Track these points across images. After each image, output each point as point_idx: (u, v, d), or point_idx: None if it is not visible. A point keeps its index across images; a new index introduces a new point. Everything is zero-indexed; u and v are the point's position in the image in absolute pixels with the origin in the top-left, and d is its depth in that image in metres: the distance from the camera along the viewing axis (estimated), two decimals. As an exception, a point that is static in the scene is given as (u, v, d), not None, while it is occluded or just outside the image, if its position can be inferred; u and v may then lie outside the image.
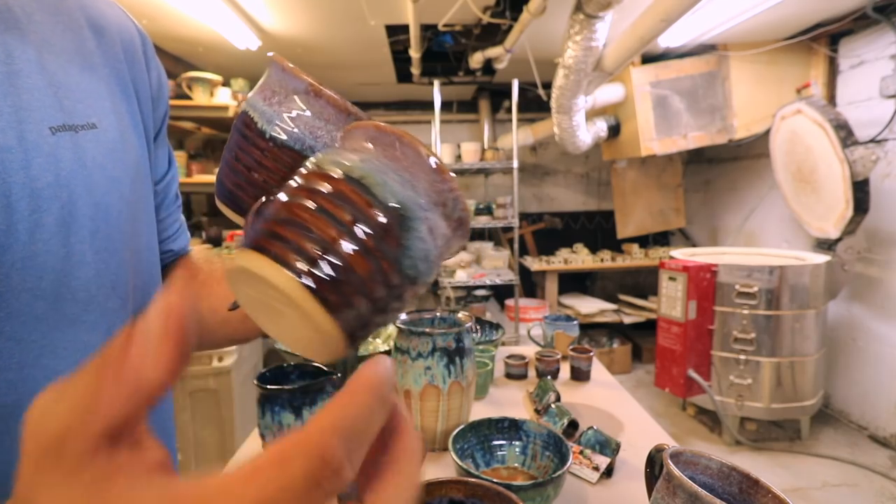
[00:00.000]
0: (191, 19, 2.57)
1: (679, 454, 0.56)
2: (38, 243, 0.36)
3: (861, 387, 2.87)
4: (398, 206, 0.29)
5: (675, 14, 1.94)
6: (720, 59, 3.24)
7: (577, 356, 1.24)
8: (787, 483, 2.37)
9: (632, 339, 4.06)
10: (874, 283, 2.78)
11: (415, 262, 0.30)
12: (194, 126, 3.34)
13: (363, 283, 0.29)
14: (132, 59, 0.48)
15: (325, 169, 0.29)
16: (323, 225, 0.28)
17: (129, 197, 0.44)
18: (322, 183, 0.29)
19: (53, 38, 0.40)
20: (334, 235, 0.28)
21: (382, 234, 0.28)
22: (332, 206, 0.28)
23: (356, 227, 0.28)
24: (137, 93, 0.48)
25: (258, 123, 0.36)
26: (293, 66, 0.36)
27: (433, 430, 0.88)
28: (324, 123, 0.36)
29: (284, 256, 0.27)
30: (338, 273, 0.28)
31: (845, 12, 2.67)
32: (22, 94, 0.36)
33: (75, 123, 0.39)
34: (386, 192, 0.29)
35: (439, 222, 0.31)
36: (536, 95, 3.42)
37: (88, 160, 0.39)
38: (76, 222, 0.38)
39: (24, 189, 0.35)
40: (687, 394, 2.72)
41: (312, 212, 0.28)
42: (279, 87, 0.36)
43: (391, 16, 2.63)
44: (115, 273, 0.42)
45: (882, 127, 2.60)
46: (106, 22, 0.46)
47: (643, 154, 3.32)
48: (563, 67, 2.57)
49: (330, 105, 0.36)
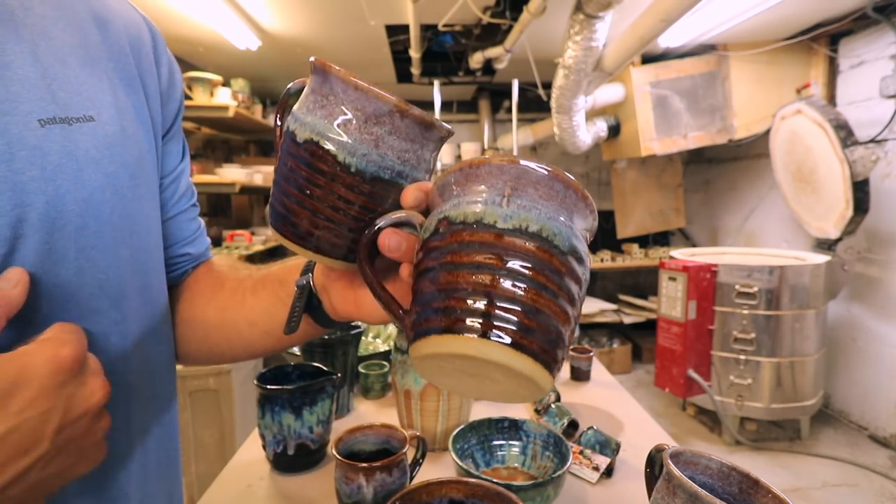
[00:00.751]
0: (191, 19, 2.57)
1: (679, 454, 0.56)
2: (20, 239, 0.35)
3: (861, 387, 2.87)
4: (573, 249, 0.30)
5: (675, 14, 1.94)
6: (720, 59, 3.24)
7: (577, 356, 1.24)
8: (787, 483, 2.37)
9: (632, 339, 4.06)
10: (874, 283, 2.78)
11: (586, 283, 0.32)
12: (194, 126, 3.35)
13: (565, 331, 0.30)
14: (139, 54, 0.47)
15: (497, 228, 0.29)
16: (524, 292, 0.28)
17: (128, 194, 0.42)
18: (497, 245, 0.28)
19: (53, 32, 0.39)
20: (534, 297, 0.28)
21: (569, 280, 0.30)
22: (520, 269, 0.28)
23: (550, 284, 0.29)
24: (145, 87, 0.47)
25: (338, 156, 0.32)
26: (366, 84, 0.32)
27: (433, 430, 0.89)
28: (410, 144, 0.33)
29: (507, 334, 0.28)
30: (549, 334, 0.29)
31: (845, 12, 2.67)
32: (10, 86, 0.35)
33: (69, 116, 0.38)
34: (562, 241, 0.29)
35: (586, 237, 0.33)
36: (536, 95, 3.42)
37: (80, 154, 0.38)
38: (61, 218, 0.37)
39: (7, 182, 0.34)
40: (687, 394, 2.72)
41: (504, 279, 0.28)
42: (352, 108, 0.32)
43: (391, 16, 2.63)
44: (105, 272, 0.41)
45: (882, 127, 2.60)
46: (112, 16, 0.45)
47: (643, 154, 3.32)
48: (563, 67, 2.57)
49: (416, 123, 0.33)
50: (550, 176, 0.30)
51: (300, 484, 0.82)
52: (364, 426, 0.76)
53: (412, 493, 0.60)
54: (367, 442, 0.75)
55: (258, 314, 0.50)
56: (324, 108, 0.33)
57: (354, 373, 1.10)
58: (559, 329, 0.30)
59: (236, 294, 0.52)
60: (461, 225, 0.29)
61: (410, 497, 0.59)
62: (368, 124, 0.32)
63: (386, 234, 0.34)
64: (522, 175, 0.30)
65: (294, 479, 0.84)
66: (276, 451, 0.83)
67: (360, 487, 0.67)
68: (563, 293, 0.29)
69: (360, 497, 0.67)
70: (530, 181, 0.30)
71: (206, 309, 0.53)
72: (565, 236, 0.29)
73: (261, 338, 0.52)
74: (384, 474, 0.67)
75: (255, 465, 0.88)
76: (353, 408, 1.09)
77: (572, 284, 0.30)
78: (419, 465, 0.76)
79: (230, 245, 3.16)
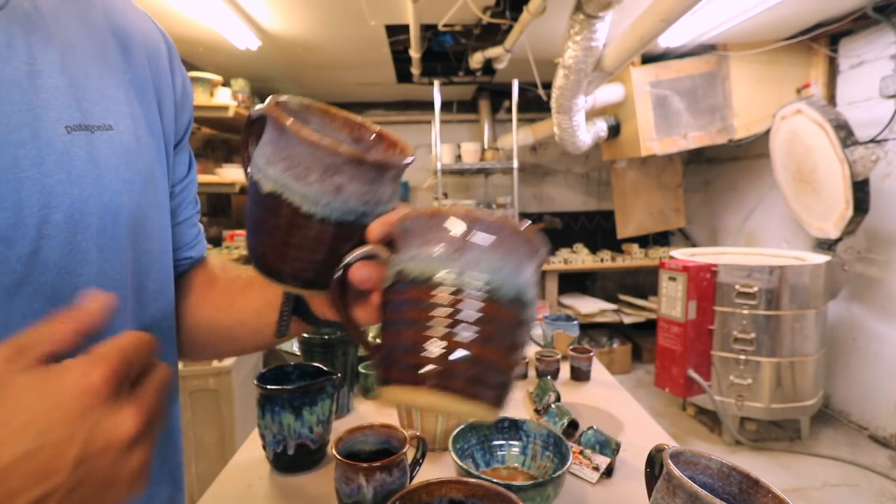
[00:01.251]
0: (191, 19, 2.57)
1: (679, 454, 0.56)
2: (45, 239, 0.36)
3: (861, 387, 2.87)
4: (518, 298, 0.32)
5: (675, 14, 1.94)
6: (720, 59, 3.24)
7: (577, 356, 1.24)
8: (787, 483, 2.37)
9: (632, 339, 4.06)
10: (874, 283, 2.78)
11: (531, 321, 0.34)
12: (195, 126, 3.34)
13: (512, 373, 0.34)
14: (156, 67, 0.49)
15: (447, 285, 0.31)
16: (473, 345, 0.31)
17: (141, 200, 0.44)
18: (448, 302, 0.31)
19: (77, 42, 0.41)
20: (481, 350, 0.31)
21: (515, 328, 0.32)
22: (469, 324, 0.31)
23: (497, 335, 0.31)
24: (160, 99, 0.49)
25: (301, 207, 0.33)
26: (319, 138, 0.32)
27: (433, 430, 0.89)
28: (370, 186, 0.34)
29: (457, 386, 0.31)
30: (496, 379, 0.32)
31: (845, 12, 2.67)
32: (41, 94, 0.37)
33: (91, 124, 0.40)
34: (508, 292, 0.31)
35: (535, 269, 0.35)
36: (536, 95, 3.42)
37: (101, 160, 0.40)
38: (84, 220, 0.39)
39: (36, 185, 0.36)
40: (687, 394, 2.72)
41: (455, 335, 0.31)
42: (311, 160, 0.33)
43: (391, 16, 2.63)
44: (120, 273, 0.43)
45: (882, 127, 2.60)
46: (132, 30, 0.47)
47: (643, 154, 3.32)
48: (563, 67, 2.57)
49: (374, 168, 0.34)
50: (500, 226, 0.32)
51: (300, 484, 0.82)
52: (364, 426, 0.76)
53: (412, 493, 0.60)
54: (367, 442, 0.75)
55: (247, 314, 0.52)
56: (284, 161, 0.34)
57: (354, 373, 1.10)
58: (507, 374, 0.33)
59: (226, 294, 0.55)
60: (414, 282, 0.32)
61: (410, 497, 0.59)
62: (328, 174, 0.33)
63: (355, 269, 0.36)
64: (473, 227, 0.32)
65: (294, 479, 0.84)
66: (276, 451, 0.83)
67: (360, 487, 0.67)
68: (509, 341, 0.32)
69: (360, 497, 0.67)
70: (480, 233, 0.32)
71: (198, 307, 0.56)
72: (511, 287, 0.32)
73: (251, 336, 0.54)
74: (384, 474, 0.67)
75: (255, 465, 0.88)
76: (353, 408, 1.09)
77: (517, 331, 0.33)
78: (419, 465, 0.76)
79: (230, 245, 3.15)
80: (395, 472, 0.69)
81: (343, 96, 4.68)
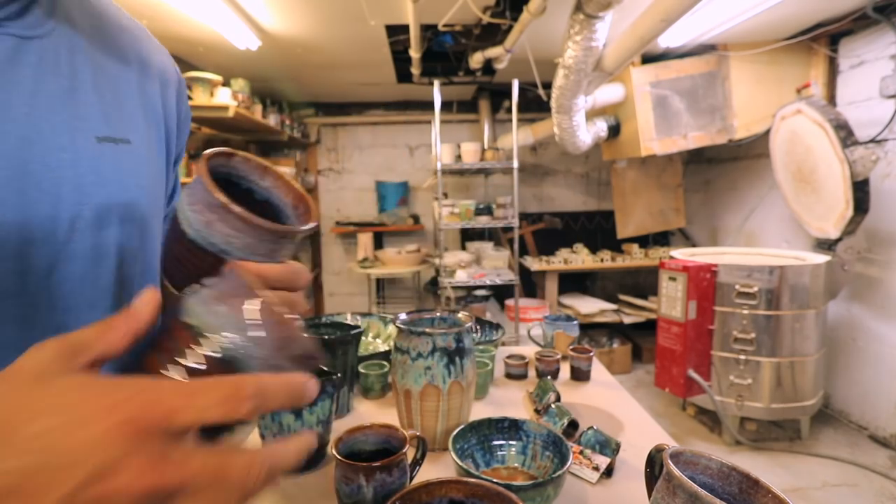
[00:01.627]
0: (191, 19, 2.57)
1: (679, 454, 0.56)
2: (77, 232, 0.42)
3: (861, 387, 2.87)
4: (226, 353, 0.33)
5: (675, 14, 1.94)
6: (720, 59, 3.24)
7: (577, 356, 1.24)
8: (787, 483, 2.37)
9: (632, 339, 4.06)
10: (874, 283, 2.78)
11: None
12: (194, 126, 3.34)
13: None
14: (167, 95, 0.56)
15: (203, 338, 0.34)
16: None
17: (148, 209, 0.50)
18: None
19: (106, 64, 0.48)
20: None
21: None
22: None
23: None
24: (166, 121, 0.56)
25: (181, 224, 0.42)
26: (210, 182, 0.40)
27: (433, 430, 0.89)
28: (235, 232, 0.41)
29: None
30: None
31: (845, 12, 2.67)
32: (79, 107, 0.44)
33: (115, 137, 0.46)
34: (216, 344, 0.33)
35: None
36: (536, 95, 3.42)
37: (123, 168, 0.47)
38: (108, 217, 0.45)
39: (72, 182, 0.42)
40: (687, 394, 2.72)
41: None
42: (201, 196, 0.41)
43: (391, 16, 2.63)
44: (132, 267, 0.48)
45: (882, 127, 2.60)
46: (151, 60, 0.54)
47: (643, 154, 3.32)
48: (563, 67, 2.57)
49: (239, 220, 0.40)
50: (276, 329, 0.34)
51: (300, 484, 0.82)
52: (364, 426, 0.76)
53: (412, 493, 0.60)
54: (367, 442, 0.75)
55: None
56: (191, 196, 0.42)
57: (354, 373, 1.10)
58: None
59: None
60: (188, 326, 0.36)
61: (410, 497, 0.59)
62: (208, 210, 0.41)
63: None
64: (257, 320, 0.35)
65: (294, 479, 0.84)
66: (276, 451, 0.83)
67: (360, 487, 0.67)
68: None
69: (360, 497, 0.67)
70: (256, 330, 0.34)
71: None
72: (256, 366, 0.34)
73: None
74: (384, 474, 0.67)
75: (255, 465, 0.87)
76: (353, 408, 1.09)
77: None
78: (419, 465, 0.76)
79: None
80: (395, 472, 0.69)
81: (343, 96, 4.68)
